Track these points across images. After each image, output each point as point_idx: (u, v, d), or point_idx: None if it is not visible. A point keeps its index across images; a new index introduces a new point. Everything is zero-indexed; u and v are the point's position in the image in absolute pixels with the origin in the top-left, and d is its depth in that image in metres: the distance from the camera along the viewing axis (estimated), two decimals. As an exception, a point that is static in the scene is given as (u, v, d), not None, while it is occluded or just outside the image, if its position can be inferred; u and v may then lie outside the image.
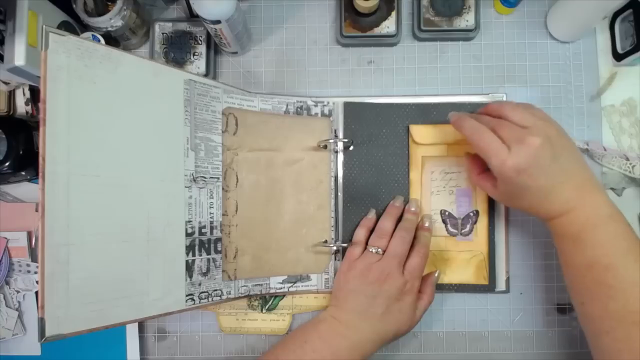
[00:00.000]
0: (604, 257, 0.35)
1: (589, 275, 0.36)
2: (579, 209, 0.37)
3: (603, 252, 0.35)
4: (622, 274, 0.34)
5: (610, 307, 0.35)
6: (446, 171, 0.50)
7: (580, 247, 0.37)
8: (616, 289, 0.34)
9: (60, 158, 0.35)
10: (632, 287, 0.34)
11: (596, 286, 0.35)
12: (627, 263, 0.35)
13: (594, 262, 0.35)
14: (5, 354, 0.50)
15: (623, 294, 0.34)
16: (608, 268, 0.35)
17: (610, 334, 0.35)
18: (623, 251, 0.35)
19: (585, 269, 0.36)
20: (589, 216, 0.37)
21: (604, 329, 0.35)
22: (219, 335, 0.51)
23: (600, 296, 0.35)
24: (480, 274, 0.49)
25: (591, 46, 0.52)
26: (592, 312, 0.36)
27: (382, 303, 0.44)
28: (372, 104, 0.51)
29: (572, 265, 0.38)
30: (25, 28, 0.42)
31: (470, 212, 0.49)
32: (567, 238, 0.38)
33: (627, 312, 0.34)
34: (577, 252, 0.37)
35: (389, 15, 0.50)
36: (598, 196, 0.37)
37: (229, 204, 0.47)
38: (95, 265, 0.36)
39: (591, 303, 0.36)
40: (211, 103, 0.46)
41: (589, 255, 0.36)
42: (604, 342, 0.36)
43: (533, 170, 0.37)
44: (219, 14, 0.43)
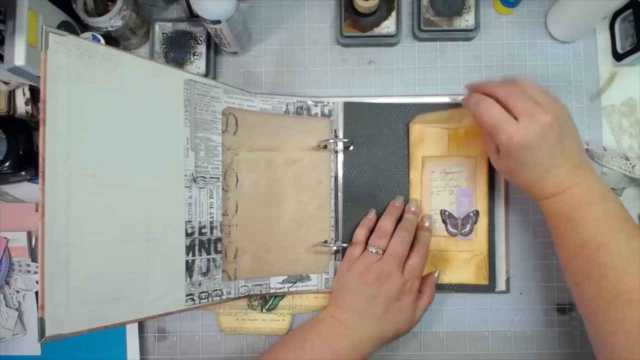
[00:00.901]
0: (596, 235, 0.35)
1: (582, 254, 0.36)
2: (572, 188, 0.37)
3: (595, 231, 0.35)
4: (614, 252, 0.34)
5: (604, 286, 0.34)
6: (446, 171, 0.50)
7: (573, 226, 0.36)
8: (609, 267, 0.34)
9: (60, 158, 0.35)
10: (624, 265, 0.34)
11: (589, 265, 0.35)
12: (620, 241, 0.35)
13: (587, 240, 0.35)
14: (5, 354, 0.50)
15: (616, 272, 0.34)
16: (600, 246, 0.35)
17: (605, 314, 0.34)
18: (615, 229, 0.35)
19: (578, 248, 0.36)
20: (582, 196, 0.37)
21: (599, 310, 0.35)
22: (219, 335, 0.51)
23: (593, 275, 0.35)
24: (480, 274, 0.49)
25: (591, 46, 0.52)
26: (586, 293, 0.36)
27: (382, 303, 0.44)
28: (372, 104, 0.51)
29: (565, 245, 0.38)
30: (25, 28, 0.42)
31: (471, 212, 0.49)
32: (560, 217, 0.38)
33: (620, 291, 0.34)
34: (570, 231, 0.37)
35: (389, 15, 0.50)
36: (591, 177, 0.38)
37: (229, 204, 0.47)
38: (95, 265, 0.36)
39: (585, 283, 0.36)
40: (211, 103, 0.46)
41: (582, 234, 0.36)
42: (598, 324, 0.35)
43: (537, 148, 0.37)
44: (219, 14, 0.43)
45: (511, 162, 0.39)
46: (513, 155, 0.38)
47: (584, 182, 0.37)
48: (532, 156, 0.37)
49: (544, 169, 0.38)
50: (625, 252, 0.34)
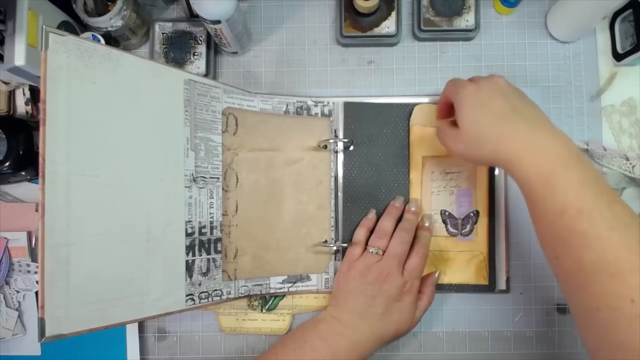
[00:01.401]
0: (576, 200, 0.32)
1: (561, 223, 0.33)
2: (547, 143, 0.35)
3: (575, 195, 0.32)
4: (595, 218, 0.31)
5: (585, 258, 0.31)
6: (447, 171, 0.50)
7: (551, 190, 0.33)
8: (590, 237, 0.31)
9: (60, 158, 0.35)
10: (607, 233, 0.31)
11: (569, 234, 0.32)
12: (601, 206, 0.32)
13: (566, 206, 0.32)
14: (5, 354, 0.50)
15: (598, 241, 0.31)
16: (581, 212, 0.32)
17: (587, 289, 0.32)
18: (595, 194, 0.32)
19: (557, 216, 0.33)
20: (560, 154, 0.34)
21: (580, 285, 0.32)
22: (219, 335, 0.51)
23: (575, 246, 0.32)
24: (480, 274, 0.49)
25: (591, 46, 0.52)
26: (567, 266, 0.33)
27: (382, 303, 0.44)
28: (372, 104, 0.51)
29: (543, 214, 0.34)
30: (25, 28, 0.42)
31: (471, 213, 0.49)
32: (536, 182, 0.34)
33: (603, 262, 0.31)
34: (548, 197, 0.34)
35: (389, 15, 0.50)
36: (564, 136, 0.35)
37: (229, 204, 0.47)
38: (95, 265, 0.36)
39: (565, 255, 0.33)
40: (211, 103, 0.46)
41: (561, 200, 0.33)
42: (581, 300, 0.33)
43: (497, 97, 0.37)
44: (219, 14, 0.43)
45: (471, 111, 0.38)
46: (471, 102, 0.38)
47: (559, 138, 0.35)
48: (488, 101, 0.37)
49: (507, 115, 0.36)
50: (608, 218, 0.31)
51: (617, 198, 0.33)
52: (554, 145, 0.34)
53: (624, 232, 0.31)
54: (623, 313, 0.29)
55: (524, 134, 0.35)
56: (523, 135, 0.35)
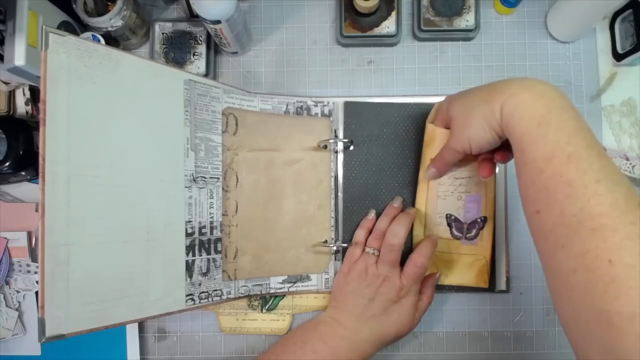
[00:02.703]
0: (567, 145, 0.31)
1: (548, 169, 0.31)
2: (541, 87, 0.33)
3: (566, 139, 0.31)
4: (584, 167, 0.30)
5: (567, 211, 0.29)
6: (456, 176, 0.48)
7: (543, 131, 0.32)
8: (576, 185, 0.29)
9: (60, 158, 0.35)
10: (594, 184, 0.29)
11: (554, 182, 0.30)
12: (591, 156, 0.30)
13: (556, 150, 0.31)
14: (5, 354, 0.50)
15: (584, 191, 0.29)
16: (570, 158, 0.30)
17: (565, 247, 0.29)
18: (587, 144, 0.31)
19: (545, 161, 0.31)
20: (555, 97, 0.33)
21: (559, 242, 0.30)
22: (219, 335, 0.51)
23: (558, 196, 0.30)
24: (481, 278, 0.49)
25: (591, 46, 0.52)
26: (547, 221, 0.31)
27: (380, 305, 0.44)
28: (372, 103, 0.50)
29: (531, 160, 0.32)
30: (25, 28, 0.42)
31: (478, 219, 0.48)
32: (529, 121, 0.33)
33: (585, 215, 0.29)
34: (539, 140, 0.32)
35: (389, 15, 0.50)
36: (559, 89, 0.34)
37: (229, 204, 0.47)
38: (95, 265, 0.36)
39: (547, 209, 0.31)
40: (211, 103, 0.46)
41: (551, 142, 0.31)
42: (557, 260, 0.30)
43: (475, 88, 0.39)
44: (219, 14, 0.43)
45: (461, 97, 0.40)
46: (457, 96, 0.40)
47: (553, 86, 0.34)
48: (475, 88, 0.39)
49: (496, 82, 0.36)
50: (596, 169, 0.29)
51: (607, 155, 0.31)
52: (549, 89, 0.33)
53: (612, 185, 0.29)
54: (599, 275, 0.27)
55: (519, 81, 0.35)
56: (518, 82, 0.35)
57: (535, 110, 0.33)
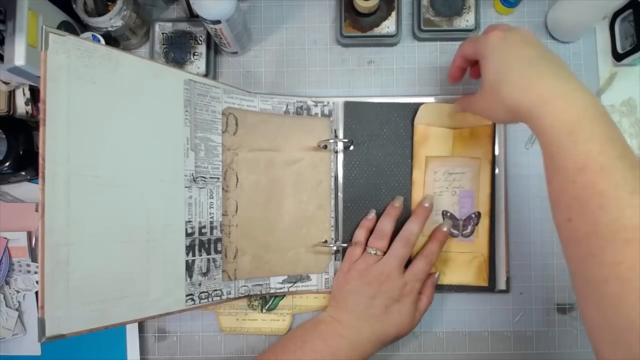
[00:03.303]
0: (600, 155, 0.30)
1: (580, 180, 0.30)
2: (575, 94, 0.32)
3: (599, 149, 0.30)
4: (617, 179, 0.29)
5: (601, 220, 0.29)
6: (450, 172, 0.50)
7: (574, 141, 0.31)
8: (609, 197, 0.29)
9: (60, 158, 0.35)
10: (627, 196, 0.28)
11: (587, 193, 0.30)
12: (624, 167, 0.29)
13: (588, 160, 0.30)
14: (5, 354, 0.50)
15: (617, 202, 0.29)
16: (603, 169, 0.30)
17: (597, 257, 0.29)
18: (620, 153, 0.30)
19: (577, 171, 0.31)
20: (587, 105, 0.32)
21: (591, 252, 0.30)
22: (219, 335, 0.51)
23: (591, 206, 0.30)
24: (480, 276, 0.49)
25: (591, 46, 0.52)
26: (580, 230, 0.31)
27: (381, 304, 0.44)
28: (372, 103, 0.50)
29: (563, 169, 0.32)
30: (25, 28, 0.42)
31: (472, 214, 0.49)
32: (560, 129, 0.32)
33: (619, 226, 0.28)
34: (571, 148, 0.31)
35: (389, 15, 0.50)
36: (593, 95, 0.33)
37: (229, 204, 0.47)
38: (95, 265, 0.36)
39: (579, 217, 0.31)
40: (211, 103, 0.46)
41: (583, 152, 0.30)
42: (589, 269, 0.30)
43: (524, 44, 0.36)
44: (219, 14, 0.43)
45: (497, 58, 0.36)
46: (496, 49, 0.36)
47: (588, 92, 0.32)
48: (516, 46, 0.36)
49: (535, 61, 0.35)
50: (630, 180, 0.29)
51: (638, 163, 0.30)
52: (583, 97, 0.32)
53: None
54: (632, 285, 0.27)
55: (552, 80, 0.33)
56: (551, 81, 0.33)
57: (566, 119, 0.32)
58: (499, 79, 0.36)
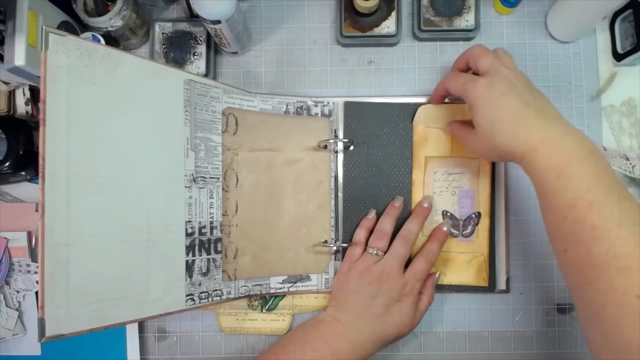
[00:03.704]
0: (588, 193, 0.33)
1: (572, 216, 0.33)
2: (561, 138, 0.35)
3: (587, 188, 0.33)
4: (606, 213, 0.32)
5: (594, 252, 0.32)
6: (449, 172, 0.50)
7: (564, 182, 0.34)
8: (600, 230, 0.32)
9: (60, 158, 0.35)
10: (616, 228, 0.31)
11: (579, 227, 0.33)
12: (611, 201, 0.32)
13: (577, 198, 0.33)
14: (5, 354, 0.50)
15: (607, 235, 0.31)
16: (592, 205, 0.32)
17: (594, 283, 0.32)
18: (606, 189, 0.33)
19: (568, 208, 0.33)
20: (573, 147, 0.34)
21: (587, 279, 0.32)
22: (219, 335, 0.51)
23: (583, 239, 0.32)
24: (480, 276, 0.49)
25: (591, 46, 0.52)
26: (575, 260, 0.33)
27: (382, 304, 0.44)
28: (372, 103, 0.50)
29: (554, 206, 0.35)
30: (25, 28, 0.42)
31: (473, 214, 0.49)
32: (549, 173, 0.35)
33: (611, 256, 0.31)
34: (561, 189, 0.34)
35: (389, 15, 0.50)
36: (578, 131, 0.36)
37: (229, 204, 0.47)
38: (95, 265, 0.36)
39: (574, 248, 0.33)
40: (211, 103, 0.46)
41: (573, 192, 0.33)
42: (587, 295, 0.33)
43: (509, 93, 0.37)
44: (219, 14, 0.43)
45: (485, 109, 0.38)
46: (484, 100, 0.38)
47: (573, 133, 0.35)
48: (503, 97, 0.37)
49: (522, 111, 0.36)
50: (617, 213, 0.32)
51: (627, 195, 0.33)
52: (568, 140, 0.35)
53: (632, 227, 0.31)
54: (629, 308, 0.30)
55: (539, 130, 0.36)
56: (537, 131, 0.36)
57: (554, 163, 0.34)
58: (490, 129, 0.38)
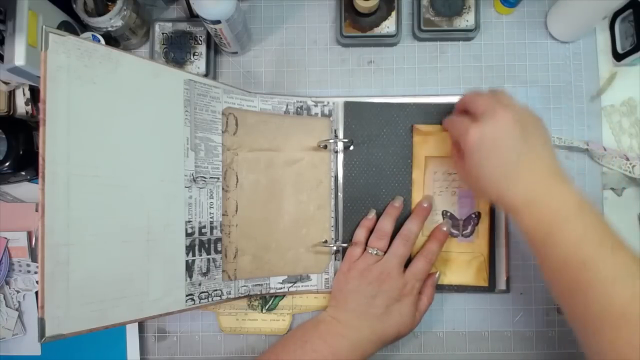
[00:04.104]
0: (579, 251, 0.33)
1: (566, 274, 0.33)
2: (546, 199, 0.35)
3: (577, 247, 0.33)
4: (599, 268, 0.32)
5: (592, 306, 0.32)
6: (449, 172, 0.50)
7: (552, 243, 0.34)
8: (595, 286, 0.32)
9: (60, 158, 0.35)
10: (612, 282, 0.31)
11: (575, 284, 0.33)
12: (604, 255, 0.32)
13: (569, 258, 0.33)
14: (5, 354, 0.50)
15: (603, 290, 0.31)
16: (584, 264, 0.32)
17: (596, 335, 0.32)
18: (597, 243, 0.33)
19: (562, 267, 0.34)
20: (558, 208, 0.34)
21: (589, 330, 0.33)
22: (219, 335, 0.51)
23: (580, 295, 0.33)
24: (480, 276, 0.49)
25: (591, 46, 0.52)
26: (576, 311, 0.34)
27: (382, 304, 0.44)
28: (372, 103, 0.50)
29: (548, 264, 0.35)
30: (25, 28, 0.42)
31: (472, 214, 0.49)
32: (538, 234, 0.35)
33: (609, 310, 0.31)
34: (551, 251, 0.34)
35: (389, 15, 0.50)
36: (565, 186, 0.35)
37: (229, 204, 0.47)
38: (95, 265, 0.36)
39: (573, 302, 0.34)
40: (211, 103, 0.46)
41: (563, 253, 0.33)
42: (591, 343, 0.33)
43: (498, 140, 0.36)
44: (219, 14, 0.43)
45: (475, 161, 0.37)
46: (474, 151, 0.37)
47: (558, 193, 0.35)
48: (492, 152, 0.36)
49: (509, 168, 0.36)
50: (611, 267, 0.32)
51: (619, 244, 0.33)
52: (555, 199, 0.35)
53: (627, 279, 0.31)
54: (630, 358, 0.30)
55: (524, 190, 0.36)
56: (523, 191, 0.36)
57: (541, 225, 0.35)
58: (480, 181, 0.38)
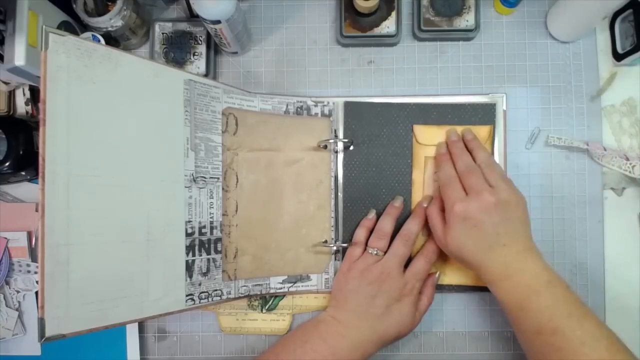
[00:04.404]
0: (550, 321, 0.37)
1: (539, 340, 0.38)
2: (520, 275, 0.39)
3: (548, 317, 0.37)
4: (569, 336, 0.36)
5: None
6: None
7: (525, 314, 0.39)
8: (566, 351, 0.36)
9: (60, 158, 0.35)
10: (580, 347, 0.36)
11: (548, 349, 0.37)
12: (572, 324, 0.37)
13: (541, 327, 0.37)
14: (5, 354, 0.50)
15: (574, 354, 0.36)
16: (555, 332, 0.37)
17: None
18: (566, 314, 0.37)
19: (534, 334, 0.38)
20: (530, 283, 0.39)
21: None
22: (219, 335, 0.51)
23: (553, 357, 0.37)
24: (480, 275, 0.49)
25: (591, 46, 0.52)
26: None
27: (382, 304, 0.44)
28: (372, 103, 0.50)
29: (523, 331, 0.39)
30: (25, 28, 0.42)
31: None
32: (512, 305, 0.40)
33: None
34: (524, 320, 0.39)
35: (389, 15, 0.50)
36: (537, 263, 0.40)
37: (229, 204, 0.47)
38: (95, 265, 0.36)
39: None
40: (211, 103, 0.46)
41: (536, 322, 0.38)
42: None
43: (478, 221, 0.40)
44: (219, 14, 0.43)
45: (457, 232, 0.41)
46: (458, 222, 0.41)
47: (531, 268, 0.40)
48: (473, 228, 0.40)
49: (487, 245, 0.40)
50: (579, 335, 0.36)
51: (586, 312, 0.38)
52: (528, 274, 0.39)
53: (594, 344, 0.36)
54: None
55: (501, 264, 0.40)
56: (500, 265, 0.40)
57: (514, 298, 0.39)
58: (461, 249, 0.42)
